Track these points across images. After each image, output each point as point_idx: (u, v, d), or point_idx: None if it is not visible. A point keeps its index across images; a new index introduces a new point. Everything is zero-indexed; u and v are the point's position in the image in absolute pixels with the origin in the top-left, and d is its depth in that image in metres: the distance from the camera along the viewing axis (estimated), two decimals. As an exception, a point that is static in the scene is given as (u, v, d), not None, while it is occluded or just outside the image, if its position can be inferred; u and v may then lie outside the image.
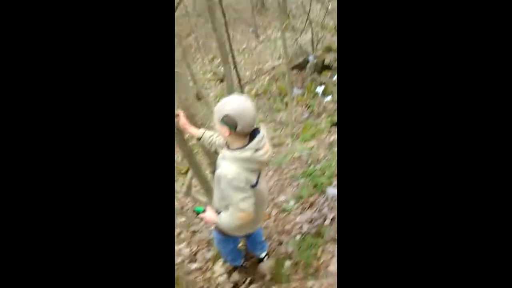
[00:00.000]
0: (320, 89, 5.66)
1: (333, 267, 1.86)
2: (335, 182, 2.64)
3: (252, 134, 1.26)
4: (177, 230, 2.78)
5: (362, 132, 0.74)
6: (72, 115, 0.70)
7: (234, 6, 10.72)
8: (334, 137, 4.06)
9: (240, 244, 2.07)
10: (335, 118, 4.45)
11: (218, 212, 1.45)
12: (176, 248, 2.48)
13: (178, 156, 3.79)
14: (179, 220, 3.04)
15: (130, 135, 0.74)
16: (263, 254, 2.05)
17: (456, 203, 0.68)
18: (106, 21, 0.71)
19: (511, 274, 0.65)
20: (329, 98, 5.40)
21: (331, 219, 2.26)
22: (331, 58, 6.07)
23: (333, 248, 2.01)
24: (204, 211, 1.49)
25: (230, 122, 1.16)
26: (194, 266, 2.27)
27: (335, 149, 3.62)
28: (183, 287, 1.98)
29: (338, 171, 0.80)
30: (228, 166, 1.23)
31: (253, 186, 1.28)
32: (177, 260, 2.34)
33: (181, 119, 1.62)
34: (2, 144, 0.66)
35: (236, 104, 1.16)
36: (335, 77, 5.81)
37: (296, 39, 7.12)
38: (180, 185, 3.73)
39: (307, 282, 1.82)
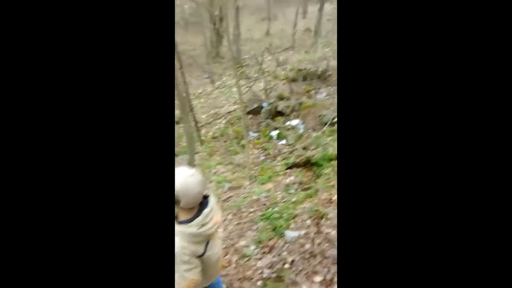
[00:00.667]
0: (274, 133, 5.91)
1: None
2: (293, 225, 2.70)
3: (202, 203, 1.26)
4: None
5: (361, 136, 0.73)
6: (71, 116, 0.70)
7: (190, 52, 11.08)
8: (290, 178, 4.20)
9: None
10: (290, 161, 4.64)
11: None
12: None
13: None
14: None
15: (129, 136, 0.74)
16: (225, 304, 1.96)
17: (453, 216, 0.67)
18: (106, 22, 0.72)
19: (511, 274, 0.64)
20: (283, 141, 5.65)
21: (291, 262, 2.27)
22: (283, 105, 6.47)
23: (294, 292, 2.00)
24: None
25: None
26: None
27: (292, 191, 3.74)
28: None
29: (338, 177, 0.81)
30: (175, 239, 1.21)
31: (200, 255, 1.26)
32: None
33: None
34: (2, 144, 0.66)
35: (180, 180, 1.16)
36: (288, 122, 6.15)
37: (250, 87, 7.52)
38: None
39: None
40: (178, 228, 1.22)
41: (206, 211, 1.23)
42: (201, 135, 6.74)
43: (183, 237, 1.21)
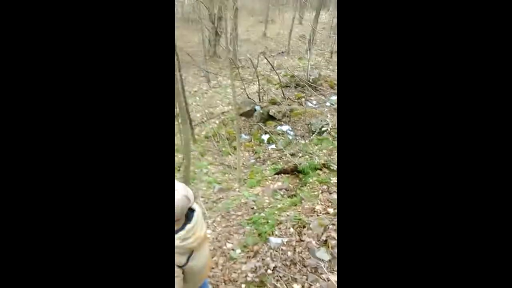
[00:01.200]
0: (265, 137, 6.05)
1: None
2: (277, 231, 2.85)
3: (187, 216, 1.31)
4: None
5: (361, 142, 0.74)
6: (71, 117, 0.69)
7: (187, 49, 11.06)
8: (278, 184, 4.35)
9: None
10: (279, 166, 4.78)
11: None
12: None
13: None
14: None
15: (129, 139, 0.73)
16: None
17: (453, 221, 0.67)
18: (105, 22, 0.71)
19: (511, 274, 0.64)
20: (273, 146, 5.79)
21: (273, 268, 2.42)
22: (275, 110, 6.60)
23: (275, 296, 2.15)
24: None
25: None
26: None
27: (279, 196, 3.89)
28: None
29: (338, 178, 0.81)
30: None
31: (181, 266, 1.31)
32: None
33: None
34: (2, 144, 0.65)
35: None
36: (278, 127, 6.29)
37: (244, 89, 7.61)
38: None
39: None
40: None
41: (188, 226, 1.28)
42: (195, 134, 6.81)
43: None
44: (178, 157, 5.42)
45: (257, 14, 18.48)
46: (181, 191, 1.24)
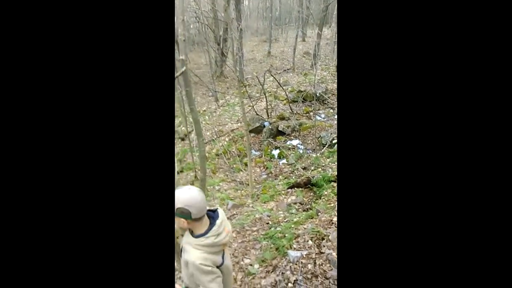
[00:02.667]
0: (276, 153, 6.06)
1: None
2: (295, 245, 2.80)
3: (211, 216, 1.37)
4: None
5: (361, 156, 0.75)
6: (71, 118, 0.70)
7: (195, 71, 11.36)
8: (292, 198, 4.31)
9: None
10: (291, 180, 4.76)
11: None
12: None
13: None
14: None
15: (128, 142, 0.75)
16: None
17: (455, 218, 0.68)
18: (105, 23, 0.72)
19: (510, 274, 0.64)
20: (284, 161, 5.79)
21: (294, 282, 2.37)
22: (284, 125, 6.64)
23: (298, 311, 2.09)
24: None
25: (184, 213, 1.27)
26: None
27: (294, 210, 3.85)
28: None
29: (338, 179, 0.82)
30: (194, 252, 1.31)
31: (219, 266, 1.36)
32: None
33: None
34: (2, 145, 0.66)
35: (183, 195, 1.27)
36: (288, 142, 6.30)
37: (252, 106, 7.71)
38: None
39: None
40: (196, 241, 1.32)
41: (218, 221, 1.33)
42: (205, 151, 6.87)
43: (202, 248, 1.30)
44: (190, 175, 5.44)
45: (260, 34, 19.00)
46: (193, 187, 1.30)
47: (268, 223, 3.52)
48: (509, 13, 0.65)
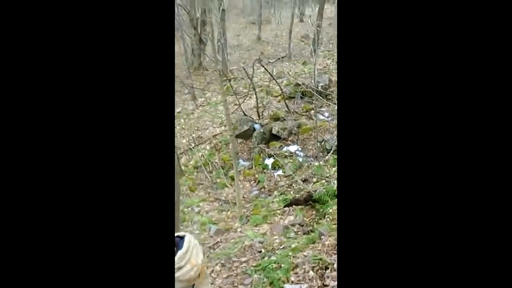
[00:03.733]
0: (269, 162, 6.11)
1: None
2: (293, 277, 2.84)
3: (178, 245, 1.35)
4: None
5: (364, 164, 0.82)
6: (71, 118, 0.82)
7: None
8: (289, 218, 4.35)
9: None
10: (288, 196, 4.81)
11: None
12: None
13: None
14: None
15: (128, 146, 0.86)
16: None
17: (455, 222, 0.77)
18: (105, 24, 0.84)
19: (511, 274, 0.74)
20: (279, 172, 5.84)
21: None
22: (279, 127, 6.71)
23: None
24: None
25: None
26: None
27: (292, 234, 3.89)
28: None
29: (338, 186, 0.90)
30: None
31: None
32: None
33: None
34: (2, 145, 0.78)
35: None
36: (285, 148, 6.37)
37: (239, 105, 7.78)
38: None
39: None
40: None
41: (179, 253, 1.30)
42: (181, 164, 6.89)
43: None
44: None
45: (247, 14, 19.21)
46: None
47: (260, 252, 3.56)
48: (509, 13, 0.75)
